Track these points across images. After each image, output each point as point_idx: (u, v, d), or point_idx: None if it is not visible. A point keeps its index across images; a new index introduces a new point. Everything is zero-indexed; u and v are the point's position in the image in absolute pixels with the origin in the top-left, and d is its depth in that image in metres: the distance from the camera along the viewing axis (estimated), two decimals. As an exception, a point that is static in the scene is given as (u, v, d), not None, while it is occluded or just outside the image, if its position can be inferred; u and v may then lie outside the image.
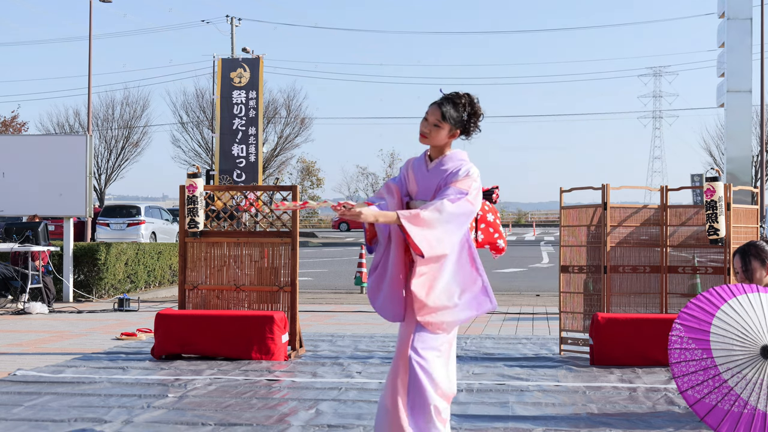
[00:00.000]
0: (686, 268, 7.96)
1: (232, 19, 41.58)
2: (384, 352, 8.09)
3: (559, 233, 8.27)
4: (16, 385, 6.43)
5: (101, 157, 45.39)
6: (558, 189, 8.26)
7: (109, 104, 47.53)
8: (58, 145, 14.35)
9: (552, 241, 37.83)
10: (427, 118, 4.00)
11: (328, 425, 5.14)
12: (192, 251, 8.22)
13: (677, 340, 4.48)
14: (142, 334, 9.23)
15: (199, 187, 8.21)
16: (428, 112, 4.01)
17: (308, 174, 65.06)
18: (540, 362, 7.61)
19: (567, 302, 8.24)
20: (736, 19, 29.28)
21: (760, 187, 27.32)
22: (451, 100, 3.98)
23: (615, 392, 6.21)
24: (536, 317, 11.44)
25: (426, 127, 3.99)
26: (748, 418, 4.26)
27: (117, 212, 27.93)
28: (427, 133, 4.00)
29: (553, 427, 5.13)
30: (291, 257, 8.02)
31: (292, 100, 47.33)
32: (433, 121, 3.98)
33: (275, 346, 7.59)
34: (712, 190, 7.60)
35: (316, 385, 6.44)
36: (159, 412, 5.49)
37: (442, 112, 3.96)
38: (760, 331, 4.33)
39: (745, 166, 29.80)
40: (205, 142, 44.41)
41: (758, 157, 38.86)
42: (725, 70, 29.70)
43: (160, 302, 13.66)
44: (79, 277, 14.21)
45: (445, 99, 4.00)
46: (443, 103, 3.98)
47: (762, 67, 27.46)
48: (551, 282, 17.12)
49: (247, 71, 18.11)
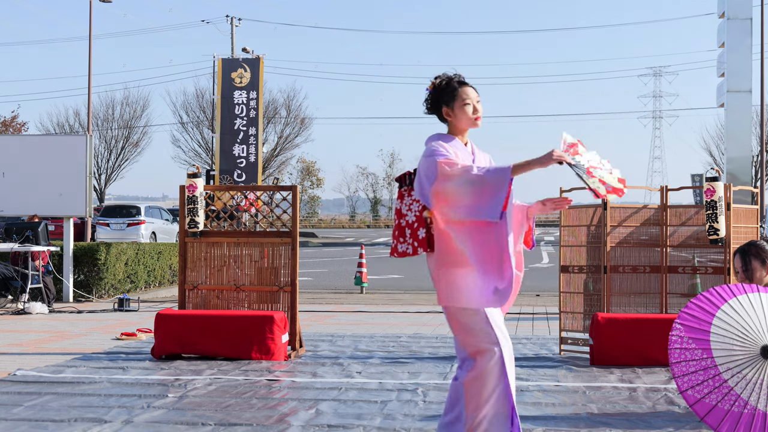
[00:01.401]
0: (686, 268, 7.96)
1: (232, 19, 41.61)
2: (384, 352, 8.09)
3: (559, 233, 8.27)
4: (16, 385, 6.43)
5: (101, 157, 45.44)
6: (558, 189, 8.27)
7: (109, 104, 47.69)
8: (58, 145, 14.35)
9: (552, 241, 37.83)
10: (470, 102, 3.98)
11: (328, 425, 5.14)
12: (192, 251, 8.22)
13: (677, 340, 4.48)
14: (142, 334, 9.23)
15: (199, 187, 8.21)
16: (467, 95, 4.00)
17: (308, 174, 65.12)
18: (540, 362, 7.61)
19: (567, 302, 8.24)
20: (736, 19, 29.30)
21: (760, 187, 27.31)
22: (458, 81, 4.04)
23: (615, 392, 6.21)
24: (536, 317, 11.44)
25: (480, 110, 4.01)
26: (748, 418, 4.26)
27: (117, 212, 27.93)
28: (481, 115, 4.02)
29: (553, 427, 5.13)
30: (291, 257, 8.01)
31: (292, 100, 47.44)
32: (478, 98, 4.01)
33: (275, 346, 7.59)
34: (712, 190, 7.60)
35: (316, 385, 6.44)
36: (159, 412, 5.49)
37: (476, 89, 4.02)
38: (761, 331, 4.33)
39: (745, 166, 29.84)
40: (205, 142, 44.44)
41: (758, 157, 38.86)
42: (725, 70, 29.73)
43: (160, 302, 13.66)
44: (79, 277, 14.21)
45: (460, 82, 4.02)
46: (467, 81, 4.02)
47: (762, 67, 27.45)
48: (551, 282, 17.12)
49: (247, 71, 18.11)
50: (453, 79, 4.03)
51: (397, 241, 4.08)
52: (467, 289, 3.86)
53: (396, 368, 7.21)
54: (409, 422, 5.22)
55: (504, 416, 3.87)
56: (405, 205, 4.07)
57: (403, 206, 4.08)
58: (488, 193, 3.74)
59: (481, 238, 3.83)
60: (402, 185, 4.12)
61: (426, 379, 6.72)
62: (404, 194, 4.09)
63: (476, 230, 3.83)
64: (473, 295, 3.85)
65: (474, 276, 3.84)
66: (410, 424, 5.16)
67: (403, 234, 4.06)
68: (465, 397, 3.89)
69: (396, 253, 4.09)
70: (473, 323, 3.87)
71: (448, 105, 4.01)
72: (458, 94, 3.99)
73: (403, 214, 4.08)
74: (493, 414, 3.86)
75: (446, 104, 4.02)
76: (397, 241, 4.08)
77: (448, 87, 4.02)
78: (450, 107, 4.01)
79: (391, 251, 4.13)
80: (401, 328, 10.21)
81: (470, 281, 3.85)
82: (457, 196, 3.79)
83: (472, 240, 3.84)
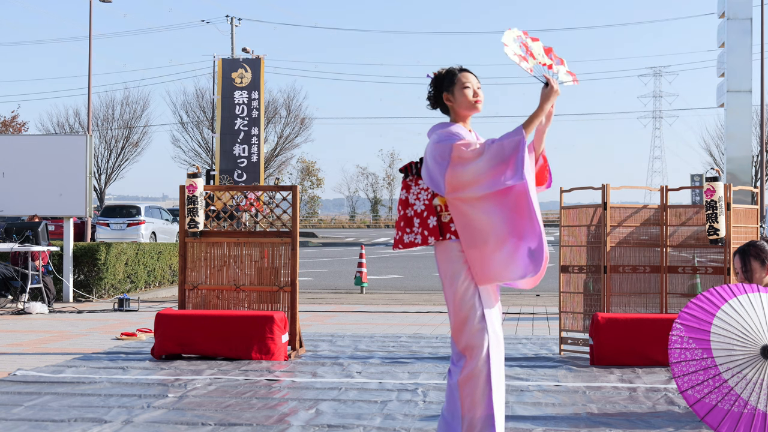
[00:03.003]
0: (686, 268, 7.96)
1: (232, 19, 41.60)
2: (384, 352, 8.09)
3: (559, 233, 8.27)
4: (16, 385, 6.43)
5: (101, 157, 45.42)
6: (558, 189, 8.26)
7: (109, 104, 47.65)
8: (58, 145, 14.34)
9: (552, 241, 37.80)
10: (469, 86, 3.98)
11: (328, 425, 5.14)
12: (192, 251, 8.22)
13: (677, 340, 4.48)
14: (142, 334, 9.23)
15: (199, 187, 8.21)
16: (467, 79, 3.99)
17: (308, 174, 65.13)
18: (540, 362, 7.61)
19: (567, 302, 8.24)
20: (736, 19, 29.31)
21: (760, 187, 27.31)
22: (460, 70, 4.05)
23: (615, 392, 6.21)
24: (536, 317, 11.44)
25: (479, 94, 4.00)
26: (748, 418, 4.26)
27: (117, 212, 27.92)
28: (481, 99, 4.01)
29: (553, 427, 5.13)
30: (291, 257, 8.02)
31: (292, 100, 47.43)
32: (479, 85, 4.00)
33: (275, 346, 7.59)
34: (712, 190, 7.60)
35: (316, 385, 6.44)
36: (159, 412, 5.49)
37: (476, 76, 4.02)
38: (761, 331, 4.33)
39: (745, 166, 29.84)
40: (205, 142, 44.44)
41: (758, 157, 38.86)
42: (725, 70, 29.73)
43: (160, 302, 13.66)
44: (79, 277, 14.21)
45: (461, 69, 4.03)
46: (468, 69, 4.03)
47: (762, 67, 27.45)
48: (551, 282, 17.10)
49: (248, 71, 18.12)
50: (455, 68, 4.06)
51: (402, 232, 4.03)
52: (503, 263, 3.81)
53: (396, 368, 7.21)
54: (409, 422, 5.22)
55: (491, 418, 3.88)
56: (412, 195, 4.01)
57: (410, 196, 4.03)
58: (508, 159, 3.72)
59: (505, 204, 3.80)
60: (407, 175, 4.07)
61: (426, 379, 6.72)
62: (410, 184, 4.04)
63: (499, 197, 3.80)
64: (510, 267, 3.81)
65: (503, 247, 3.80)
66: (410, 424, 5.16)
67: (410, 224, 4.00)
68: (460, 397, 3.89)
69: (401, 245, 4.03)
70: (470, 318, 3.86)
71: (448, 90, 4.02)
72: (458, 79, 4.01)
73: (410, 203, 4.02)
74: (487, 415, 3.87)
75: (447, 90, 4.03)
76: (403, 232, 4.03)
77: (449, 73, 4.04)
78: (450, 92, 4.02)
79: (396, 243, 4.08)
80: (401, 328, 10.21)
81: (498, 256, 3.80)
82: (476, 175, 3.76)
83: (497, 208, 3.80)
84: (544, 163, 4.02)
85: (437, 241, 3.95)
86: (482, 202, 3.80)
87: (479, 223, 3.81)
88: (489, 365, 3.83)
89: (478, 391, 3.85)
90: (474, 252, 3.85)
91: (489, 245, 3.81)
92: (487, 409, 3.86)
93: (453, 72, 4.03)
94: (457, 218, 3.87)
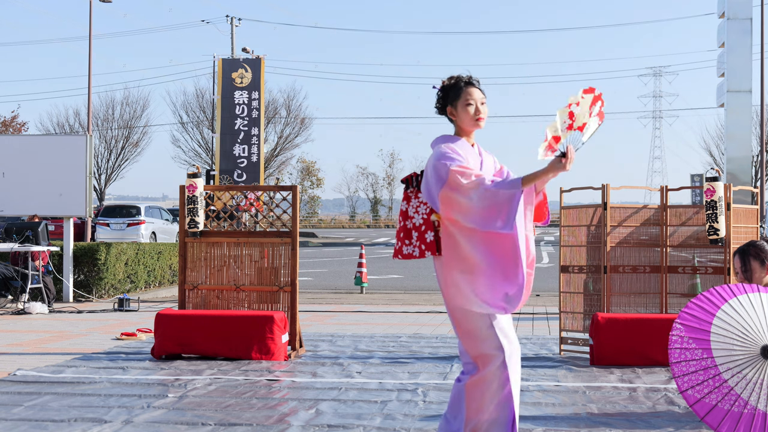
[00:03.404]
0: (686, 268, 7.96)
1: (232, 19, 41.61)
2: (384, 352, 8.09)
3: (559, 233, 8.27)
4: (16, 385, 6.43)
5: (101, 157, 45.41)
6: (558, 189, 8.27)
7: (109, 104, 47.63)
8: (58, 145, 14.34)
9: (552, 241, 37.84)
10: (472, 102, 3.96)
11: (328, 425, 5.14)
12: (192, 251, 8.22)
13: (677, 340, 4.48)
14: (142, 334, 9.23)
15: (199, 187, 8.21)
16: (470, 95, 3.97)
17: (308, 174, 65.11)
18: (540, 362, 7.61)
19: (567, 302, 8.24)
20: (736, 19, 29.30)
21: (760, 187, 27.30)
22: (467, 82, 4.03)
23: (615, 392, 6.21)
24: (536, 317, 11.44)
25: (483, 111, 3.98)
26: (748, 418, 4.26)
27: (117, 212, 27.92)
28: (484, 116, 3.99)
29: (553, 427, 5.13)
30: (291, 257, 8.02)
31: (292, 100, 47.44)
32: (483, 100, 3.99)
33: (275, 346, 7.59)
34: (712, 190, 7.60)
35: (316, 385, 6.44)
36: (159, 412, 5.49)
37: (483, 92, 4.01)
38: (761, 331, 4.33)
39: (745, 166, 29.83)
40: (205, 142, 44.44)
41: (758, 157, 38.86)
42: (725, 70, 29.73)
43: (160, 302, 13.66)
44: (79, 277, 14.21)
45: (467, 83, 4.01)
46: (475, 82, 4.01)
47: (762, 67, 27.45)
48: (551, 282, 17.12)
49: (248, 72, 18.12)
50: (462, 79, 4.03)
51: (402, 243, 4.03)
52: (476, 294, 3.80)
53: (396, 368, 7.21)
54: (409, 422, 5.22)
55: (503, 423, 3.86)
56: (412, 207, 4.02)
57: (409, 208, 4.03)
58: (501, 208, 3.71)
59: (492, 244, 3.78)
60: (408, 187, 4.06)
61: (426, 379, 6.72)
62: (410, 196, 4.03)
63: (487, 236, 3.78)
64: (482, 300, 3.79)
65: (483, 281, 3.78)
66: (410, 424, 5.16)
67: (409, 236, 4.01)
68: (466, 400, 3.88)
69: (401, 255, 4.04)
70: (477, 328, 3.84)
71: (453, 104, 4.01)
72: (462, 94, 3.98)
73: (409, 216, 4.02)
74: (493, 420, 3.86)
75: (451, 103, 4.02)
76: (402, 243, 4.03)
77: (455, 86, 4.02)
78: (454, 106, 4.01)
79: (395, 253, 4.09)
80: (401, 328, 10.21)
81: (480, 286, 3.79)
82: (468, 208, 3.76)
83: (483, 245, 3.78)
84: (544, 199, 4.01)
85: (434, 255, 3.97)
86: (471, 233, 3.81)
87: (464, 252, 3.83)
88: (506, 372, 3.82)
89: (487, 396, 3.84)
90: (449, 274, 3.89)
91: (466, 275, 3.83)
92: (498, 413, 3.85)
93: (458, 86, 4.00)
94: (446, 239, 3.90)
